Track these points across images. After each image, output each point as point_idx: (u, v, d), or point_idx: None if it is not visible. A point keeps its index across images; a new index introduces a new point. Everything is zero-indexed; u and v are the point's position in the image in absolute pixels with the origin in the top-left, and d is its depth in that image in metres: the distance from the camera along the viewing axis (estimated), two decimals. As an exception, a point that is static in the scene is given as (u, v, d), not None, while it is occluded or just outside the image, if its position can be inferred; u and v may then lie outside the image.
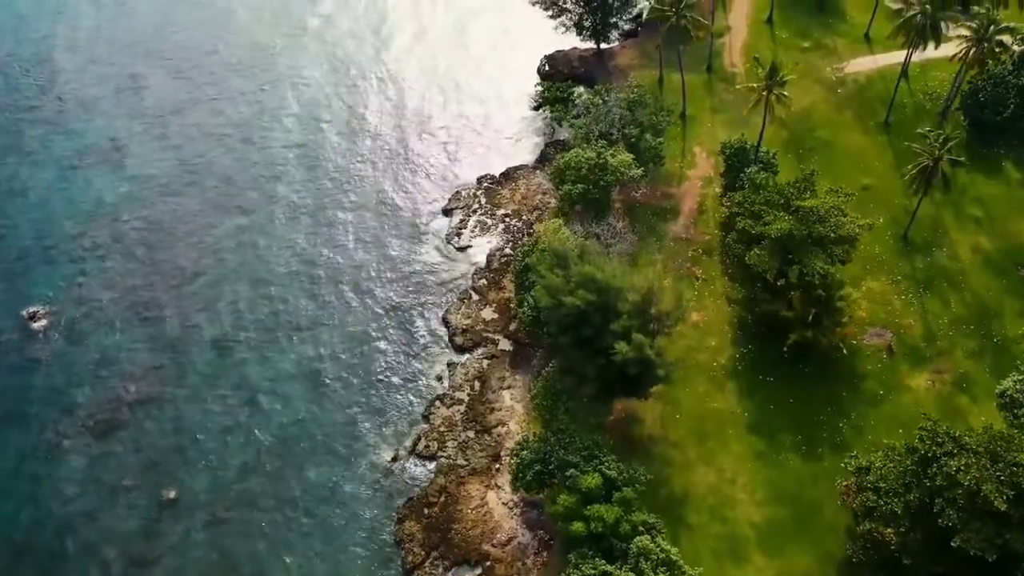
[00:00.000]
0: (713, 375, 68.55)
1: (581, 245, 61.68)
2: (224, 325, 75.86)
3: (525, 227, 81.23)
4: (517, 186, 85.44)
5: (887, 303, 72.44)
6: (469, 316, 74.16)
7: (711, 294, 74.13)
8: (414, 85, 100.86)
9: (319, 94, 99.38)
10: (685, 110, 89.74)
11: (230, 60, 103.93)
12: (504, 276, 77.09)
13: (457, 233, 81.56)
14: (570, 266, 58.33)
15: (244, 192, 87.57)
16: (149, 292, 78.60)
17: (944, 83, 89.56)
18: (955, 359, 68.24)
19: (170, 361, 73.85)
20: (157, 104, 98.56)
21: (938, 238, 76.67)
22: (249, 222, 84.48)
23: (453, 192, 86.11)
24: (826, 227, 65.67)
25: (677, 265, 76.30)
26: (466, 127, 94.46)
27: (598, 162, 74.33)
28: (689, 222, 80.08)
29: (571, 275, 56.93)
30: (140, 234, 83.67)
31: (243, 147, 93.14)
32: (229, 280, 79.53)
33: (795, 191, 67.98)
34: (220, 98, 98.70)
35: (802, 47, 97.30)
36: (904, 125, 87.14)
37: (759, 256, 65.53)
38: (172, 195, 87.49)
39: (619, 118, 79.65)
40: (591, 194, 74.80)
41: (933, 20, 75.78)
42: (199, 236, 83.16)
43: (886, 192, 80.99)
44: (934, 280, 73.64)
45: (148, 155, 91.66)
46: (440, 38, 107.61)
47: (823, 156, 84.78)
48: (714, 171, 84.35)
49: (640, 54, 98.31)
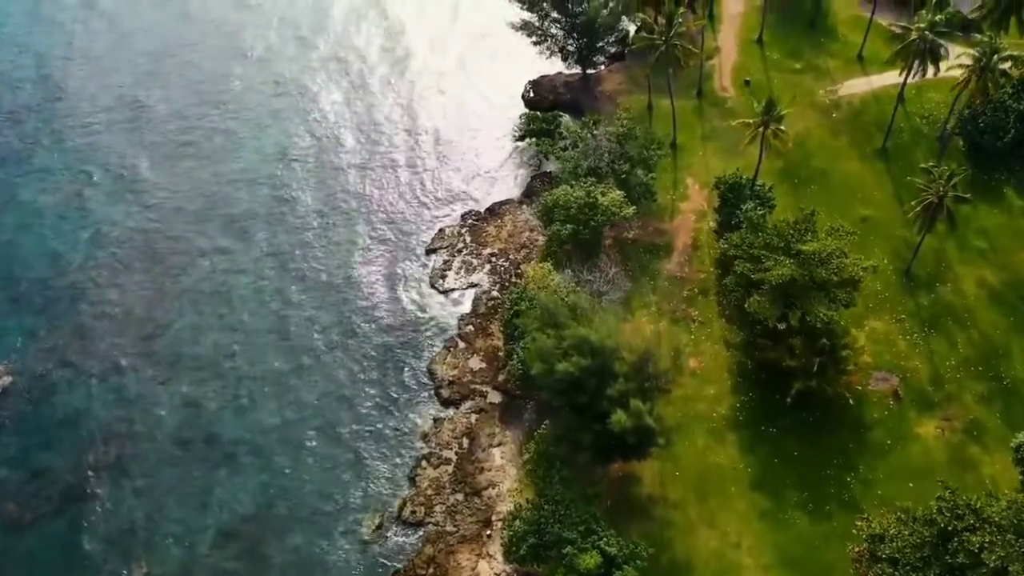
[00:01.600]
0: (713, 426, 65.27)
1: (572, 301, 58.19)
2: (196, 380, 71.78)
3: (512, 267, 77.70)
4: (503, 223, 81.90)
5: (891, 344, 69.43)
6: (455, 366, 70.53)
7: (708, 338, 70.85)
8: (393, 116, 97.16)
9: (293, 131, 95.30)
10: (675, 139, 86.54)
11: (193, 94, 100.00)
12: (491, 321, 73.56)
13: (442, 275, 77.89)
14: (561, 324, 54.87)
15: (217, 235, 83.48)
16: (119, 344, 74.43)
17: (941, 105, 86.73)
18: (964, 404, 65.30)
19: (140, 420, 69.79)
20: (128, 141, 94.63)
21: (942, 273, 73.76)
22: (223, 266, 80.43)
23: (437, 230, 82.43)
24: (828, 270, 62.66)
25: (672, 307, 73.01)
26: (449, 160, 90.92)
27: (587, 201, 70.99)
28: (683, 259, 76.81)
29: (563, 335, 53.44)
30: (109, 281, 79.44)
31: (214, 186, 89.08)
32: (202, 330, 75.52)
33: (795, 233, 64.86)
34: (186, 135, 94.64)
35: (794, 68, 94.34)
36: (902, 151, 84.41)
37: (759, 303, 62.36)
38: (143, 239, 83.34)
39: (608, 152, 76.30)
40: (581, 234, 71.47)
41: (933, 46, 72.88)
42: (172, 282, 79.09)
43: (886, 224, 78.06)
44: (939, 318, 70.72)
45: (118, 197, 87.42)
46: (419, 66, 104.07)
47: (820, 186, 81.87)
48: (707, 203, 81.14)
49: (627, 78, 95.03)
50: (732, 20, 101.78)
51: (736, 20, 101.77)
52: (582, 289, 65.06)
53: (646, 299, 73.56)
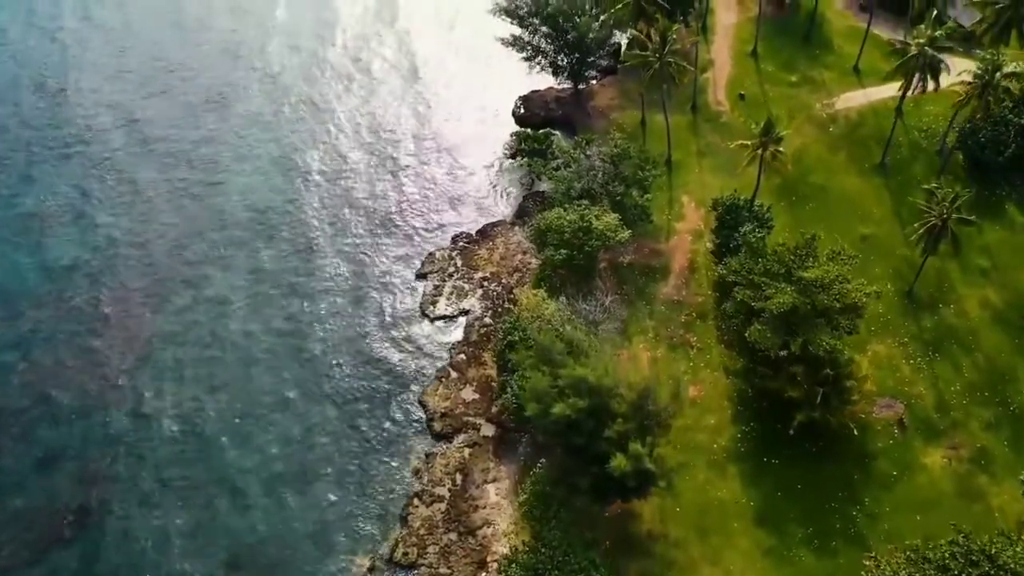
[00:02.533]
0: (714, 458, 63.29)
1: (568, 335, 56.08)
2: (178, 416, 69.21)
3: (505, 292, 75.51)
4: (495, 245, 79.70)
5: (895, 369, 67.65)
6: (448, 397, 68.30)
7: (707, 365, 68.89)
8: (380, 135, 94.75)
9: (280, 152, 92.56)
10: (670, 156, 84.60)
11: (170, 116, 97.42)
12: (484, 349, 71.32)
13: (432, 301, 75.60)
14: (556, 362, 52.76)
15: (201, 261, 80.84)
16: (98, 378, 71.67)
17: (939, 118, 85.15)
18: (971, 432, 63.58)
19: (121, 459, 67.07)
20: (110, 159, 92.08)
21: (944, 293, 72.06)
22: (206, 295, 77.89)
23: (427, 254, 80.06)
24: (830, 296, 60.83)
25: (670, 332, 71.02)
26: (438, 179, 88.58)
27: (581, 225, 68.96)
28: (680, 282, 74.85)
29: (558, 374, 51.33)
30: (89, 310, 76.62)
31: (199, 208, 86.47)
32: (184, 362, 72.87)
33: (796, 259, 62.97)
34: (166, 156, 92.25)
35: (789, 81, 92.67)
36: (901, 166, 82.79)
37: (760, 332, 60.47)
38: (124, 264, 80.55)
39: (602, 173, 74.28)
40: (575, 260, 69.47)
41: (933, 62, 71.18)
42: (151, 313, 76.38)
43: (886, 242, 76.35)
44: (943, 341, 68.99)
45: (99, 219, 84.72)
46: (407, 82, 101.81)
47: (818, 203, 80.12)
48: (704, 223, 79.23)
49: (620, 93, 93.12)
50: (725, 31, 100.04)
51: (729, 31, 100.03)
52: (577, 318, 62.96)
53: (643, 324, 71.57)
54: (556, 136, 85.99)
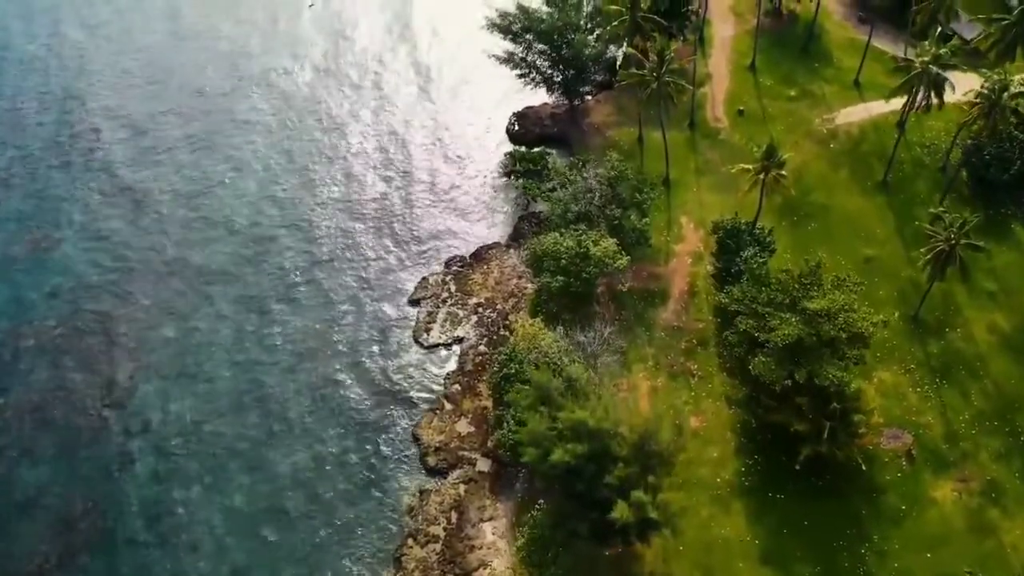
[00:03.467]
0: (718, 493, 61.33)
1: (567, 373, 54.05)
2: (162, 453, 66.93)
3: (500, 318, 73.42)
4: (490, 269, 77.58)
5: (902, 397, 65.82)
6: (442, 431, 66.19)
7: (709, 394, 66.95)
8: (371, 153, 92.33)
9: (268, 174, 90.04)
10: (668, 174, 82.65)
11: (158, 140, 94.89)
12: (479, 379, 69.22)
13: (426, 329, 73.42)
14: (554, 402, 50.72)
15: (186, 289, 78.42)
16: (79, 417, 69.27)
17: (942, 134, 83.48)
18: (981, 463, 61.79)
19: (103, 500, 64.69)
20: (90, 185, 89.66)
21: (951, 317, 70.26)
22: (191, 325, 75.54)
23: (420, 279, 77.84)
24: (835, 326, 58.95)
25: (670, 360, 69.05)
26: (431, 200, 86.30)
27: (579, 251, 66.97)
28: (680, 307, 72.87)
29: (556, 416, 49.30)
30: (68, 345, 74.13)
31: (184, 233, 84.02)
32: (169, 396, 70.51)
33: (800, 287, 61.03)
34: (153, 182, 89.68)
35: (788, 95, 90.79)
36: (903, 183, 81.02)
37: (764, 364, 58.57)
38: (105, 293, 78.15)
39: (599, 196, 72.29)
40: (573, 287, 67.47)
41: (937, 80, 69.35)
42: (133, 344, 73.94)
43: (890, 263, 74.55)
44: (951, 368, 67.19)
45: (79, 247, 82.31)
46: (397, 98, 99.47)
47: (820, 223, 78.28)
48: (703, 244, 77.28)
49: (616, 109, 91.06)
50: (723, 44, 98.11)
51: (727, 44, 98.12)
52: (575, 350, 60.97)
53: (642, 352, 69.58)
54: (551, 156, 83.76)
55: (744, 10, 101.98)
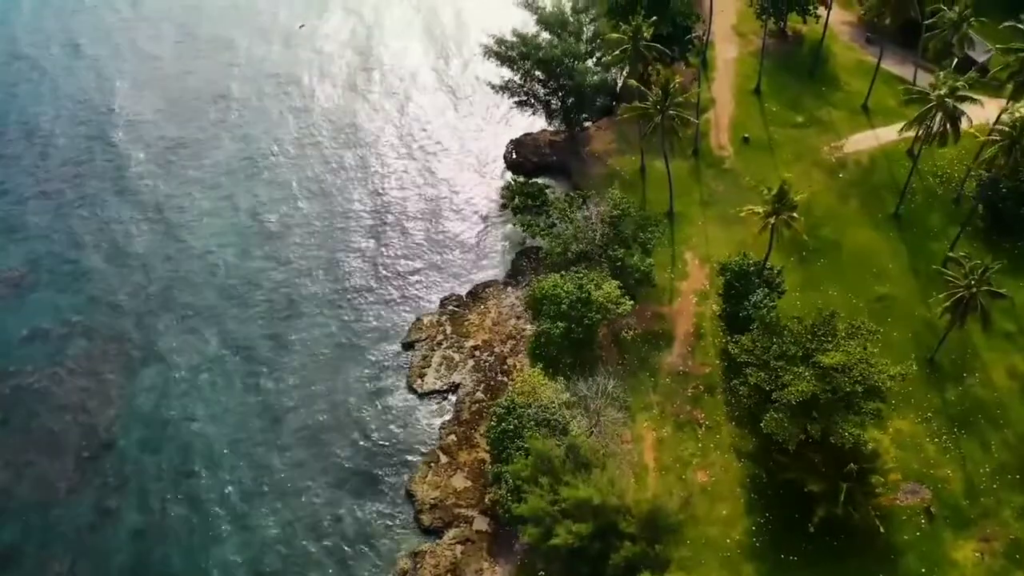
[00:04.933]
0: (727, 556, 58.27)
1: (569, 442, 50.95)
2: (144, 508, 63.68)
3: (498, 362, 70.26)
4: (487, 308, 74.40)
5: (919, 449, 62.85)
6: (437, 486, 63.03)
7: (717, 445, 63.89)
8: (363, 183, 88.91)
9: (253, 203, 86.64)
10: (672, 206, 79.59)
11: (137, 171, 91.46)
12: (476, 429, 66.08)
13: (420, 374, 70.18)
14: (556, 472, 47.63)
15: (170, 329, 75.12)
16: (57, 467, 65.99)
17: (955, 162, 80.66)
18: (1003, 521, 58.82)
19: (82, 560, 61.46)
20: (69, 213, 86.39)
21: (968, 361, 67.32)
22: (173, 369, 72.19)
23: (414, 320, 74.56)
24: (851, 379, 55.95)
25: (676, 408, 65.98)
26: (425, 235, 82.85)
27: (580, 296, 63.88)
28: (686, 351, 69.80)
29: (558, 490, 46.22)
30: (45, 388, 70.80)
31: (169, 269, 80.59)
32: (150, 446, 67.25)
33: (813, 338, 57.98)
34: (127, 217, 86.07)
35: (795, 122, 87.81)
36: (916, 216, 78.08)
37: (777, 422, 55.55)
38: (84, 336, 74.70)
39: (600, 234, 69.23)
40: (574, 333, 64.35)
41: (954, 114, 66.38)
42: (115, 390, 70.65)
43: (904, 303, 71.57)
44: (970, 416, 64.24)
45: (58, 281, 79.07)
46: (391, 125, 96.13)
47: (830, 259, 75.27)
48: (709, 281, 74.30)
49: (617, 136, 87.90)
50: (726, 67, 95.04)
51: (730, 67, 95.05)
52: (577, 405, 57.93)
53: (647, 399, 66.52)
54: (551, 190, 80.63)
55: (747, 30, 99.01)
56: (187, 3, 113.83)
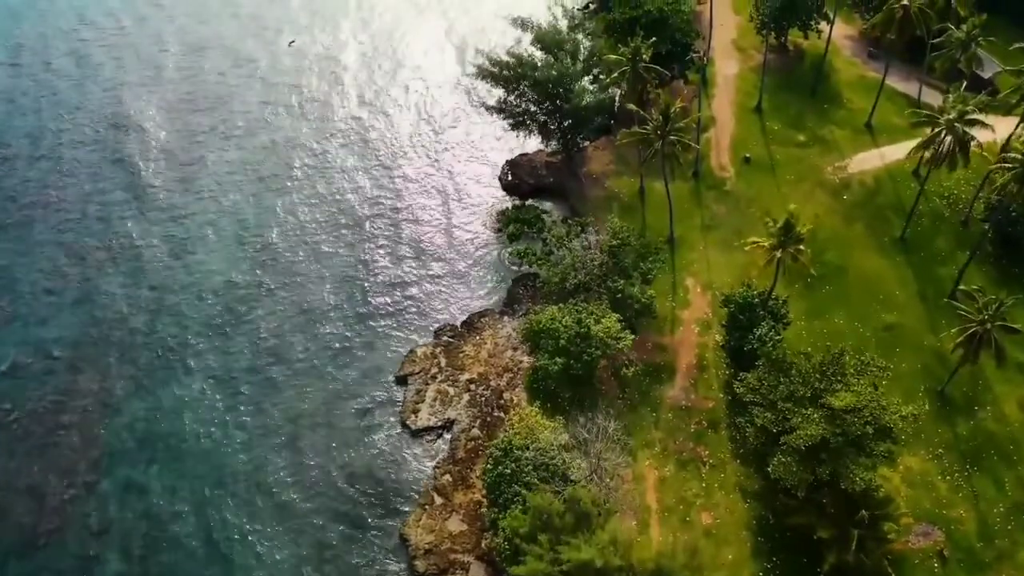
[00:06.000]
0: (734, 604, 56.25)
1: (569, 495, 48.66)
2: (127, 556, 61.07)
3: (495, 397, 67.92)
4: (483, 339, 72.06)
5: (930, 487, 60.69)
6: (432, 529, 60.69)
7: (721, 485, 61.64)
8: (356, 207, 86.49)
9: (241, 231, 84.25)
10: (672, 231, 77.36)
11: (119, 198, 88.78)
12: (472, 468, 63.75)
13: (414, 409, 67.79)
14: (556, 528, 45.37)
15: (153, 364, 72.50)
16: (35, 510, 63.47)
17: (962, 182, 78.56)
18: (1019, 564, 56.66)
19: (65, 609, 59.31)
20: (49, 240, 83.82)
21: (980, 394, 65.21)
22: (160, 405, 69.66)
23: (408, 352, 72.14)
24: (861, 420, 53.78)
25: (678, 445, 63.74)
26: (418, 262, 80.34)
27: (579, 331, 61.63)
28: (688, 384, 67.57)
29: (558, 549, 43.98)
30: (23, 431, 68.15)
31: (154, 300, 77.98)
32: (133, 490, 64.67)
33: (822, 378, 55.76)
34: (108, 245, 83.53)
35: (797, 141, 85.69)
36: (923, 239, 76.00)
37: (785, 466, 53.37)
38: (68, 369, 72.21)
39: (599, 264, 66.97)
40: (573, 369, 62.15)
41: (963, 138, 64.27)
42: (97, 428, 68.11)
43: (913, 332, 69.44)
44: (982, 452, 62.12)
45: (37, 319, 76.37)
46: (383, 146, 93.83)
47: (835, 285, 73.11)
48: (711, 310, 72.09)
49: (615, 157, 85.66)
50: (727, 83, 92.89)
51: (731, 83, 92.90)
52: (578, 449, 55.66)
53: (648, 436, 64.26)
54: (547, 215, 78.36)
55: (747, 45, 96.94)
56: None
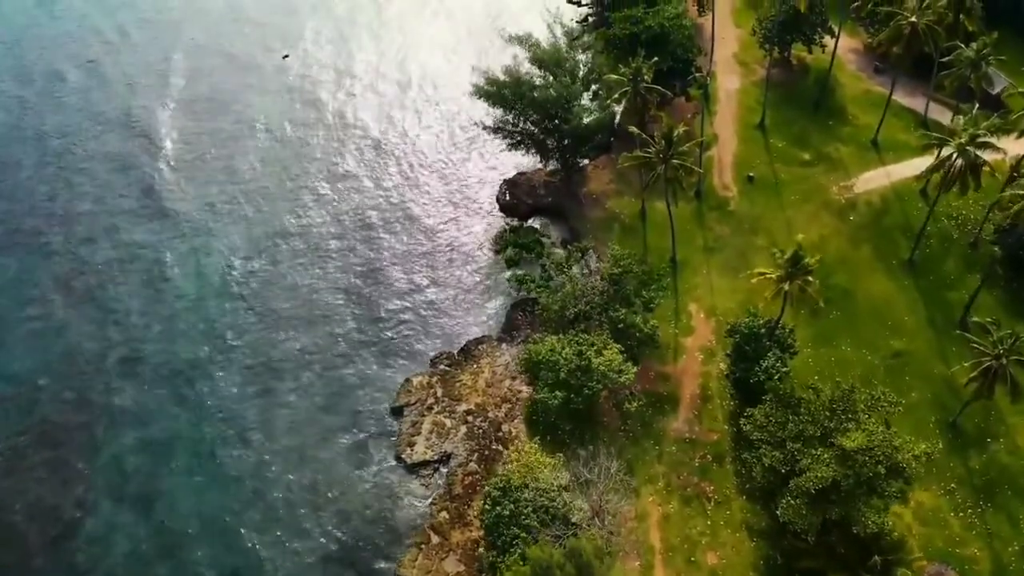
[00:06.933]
0: (742, 649, 54.35)
1: (570, 547, 46.69)
2: (115, 596, 59.39)
3: (493, 429, 65.89)
4: (480, 367, 70.01)
5: (943, 524, 58.79)
6: (428, 570, 58.64)
7: (727, 523, 59.68)
8: (345, 229, 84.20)
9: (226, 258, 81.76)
10: (675, 254, 75.40)
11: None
12: (470, 505, 61.70)
13: (409, 442, 65.70)
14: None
15: (138, 396, 70.26)
16: (18, 553, 61.24)
17: (971, 202, 76.52)
18: (1036, 606, 55.01)
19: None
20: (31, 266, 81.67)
21: (992, 425, 63.29)
22: (145, 439, 67.45)
23: (403, 381, 69.99)
24: (873, 459, 51.88)
25: (683, 480, 61.78)
26: (414, 287, 78.04)
27: (580, 364, 59.65)
28: (692, 415, 65.61)
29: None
30: (7, 464, 65.94)
31: (140, 328, 75.71)
32: (120, 528, 62.52)
33: (832, 416, 53.83)
34: (92, 272, 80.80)
35: (802, 159, 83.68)
36: (931, 262, 74.06)
37: (795, 509, 51.47)
38: (48, 400, 70.00)
39: (600, 293, 64.99)
40: (573, 403, 60.18)
41: (975, 162, 62.38)
42: (82, 463, 65.95)
43: (922, 359, 67.53)
44: (996, 487, 60.22)
45: (20, 348, 74.20)
46: (377, 163, 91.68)
47: (843, 310, 71.13)
48: (715, 337, 70.10)
49: (616, 176, 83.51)
50: (729, 99, 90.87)
51: (733, 99, 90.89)
52: (581, 491, 53.70)
53: (652, 471, 62.31)
54: (547, 238, 76.40)
55: (749, 59, 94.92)
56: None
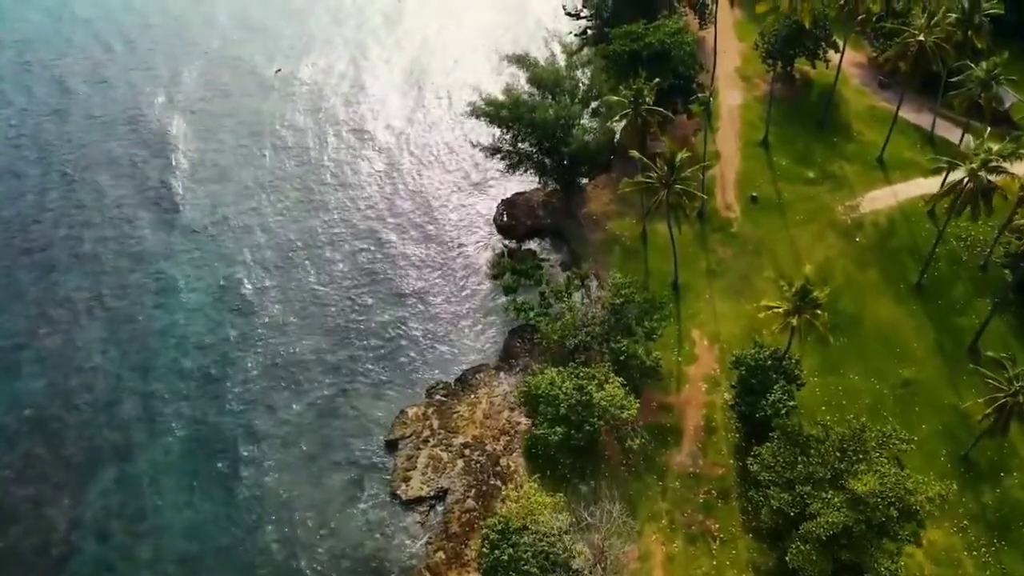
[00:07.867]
0: None
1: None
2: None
3: (491, 463, 63.90)
4: (477, 398, 68.06)
5: (956, 564, 56.86)
6: (425, 614, 56.86)
7: (733, 563, 57.73)
8: (338, 253, 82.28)
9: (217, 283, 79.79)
10: (677, 278, 73.54)
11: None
12: (467, 544, 59.72)
13: (404, 478, 63.70)
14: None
15: (126, 426, 68.09)
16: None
17: (980, 224, 74.06)
18: (1053, 651, 53.19)
19: None
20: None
21: (1005, 458, 61.43)
22: (134, 471, 65.41)
23: (398, 413, 68.03)
24: (885, 502, 50.04)
25: (687, 518, 59.85)
26: (408, 311, 76.06)
27: (580, 399, 57.76)
28: (695, 448, 63.70)
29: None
30: None
31: (127, 352, 73.71)
32: (108, 565, 60.52)
33: (843, 456, 51.98)
34: (82, 297, 78.79)
35: (806, 178, 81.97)
36: (940, 286, 72.26)
37: (804, 555, 49.65)
38: (35, 432, 67.79)
39: (601, 323, 63.10)
40: (574, 439, 58.29)
41: (987, 188, 60.56)
42: (68, 498, 63.87)
43: (932, 388, 65.68)
44: (1010, 524, 58.34)
45: (6, 374, 72.25)
46: (371, 184, 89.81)
47: (850, 337, 69.21)
48: (719, 365, 68.25)
49: (616, 197, 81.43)
50: (731, 115, 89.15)
51: (735, 115, 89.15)
52: (583, 535, 51.80)
53: (655, 507, 60.36)
54: (547, 261, 74.54)
55: (752, 73, 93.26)
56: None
